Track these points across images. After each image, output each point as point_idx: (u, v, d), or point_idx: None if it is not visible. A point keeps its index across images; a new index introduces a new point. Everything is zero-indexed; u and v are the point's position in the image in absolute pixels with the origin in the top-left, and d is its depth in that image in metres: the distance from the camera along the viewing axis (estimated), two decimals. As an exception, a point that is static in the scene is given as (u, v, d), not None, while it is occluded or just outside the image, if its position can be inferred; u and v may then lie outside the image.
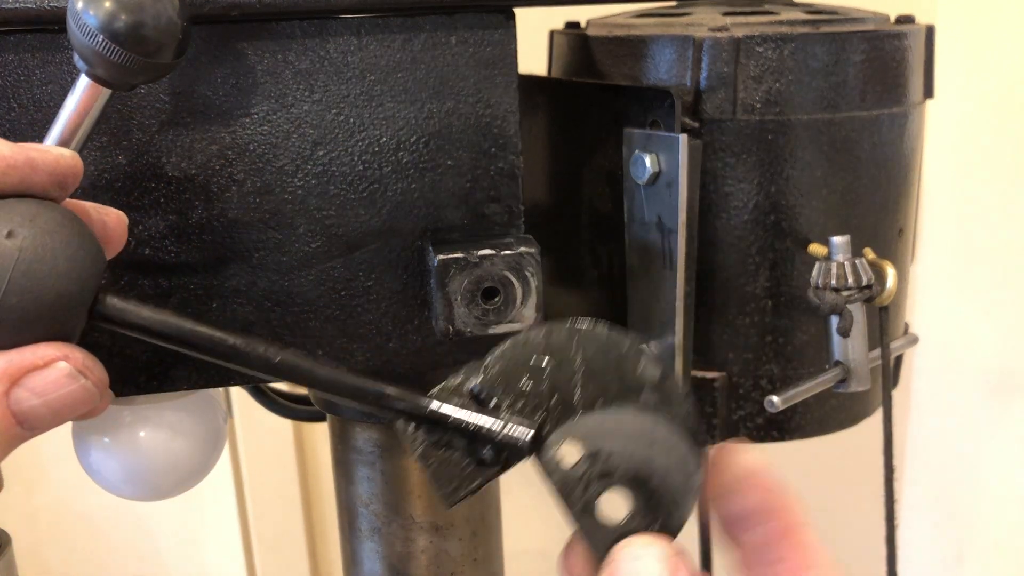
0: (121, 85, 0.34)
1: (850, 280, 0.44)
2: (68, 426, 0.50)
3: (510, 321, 0.41)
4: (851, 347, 0.45)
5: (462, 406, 0.30)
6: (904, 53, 0.46)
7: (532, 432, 0.30)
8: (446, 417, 0.30)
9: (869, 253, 0.45)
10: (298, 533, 1.13)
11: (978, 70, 1.00)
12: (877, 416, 0.50)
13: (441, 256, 0.40)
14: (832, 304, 0.44)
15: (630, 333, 0.31)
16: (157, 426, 0.50)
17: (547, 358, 0.30)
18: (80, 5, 0.32)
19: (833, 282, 0.44)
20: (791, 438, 0.49)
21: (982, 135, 1.02)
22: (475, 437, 0.30)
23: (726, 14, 0.46)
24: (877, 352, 0.47)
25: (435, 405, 0.31)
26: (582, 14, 0.54)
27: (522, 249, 0.41)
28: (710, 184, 0.45)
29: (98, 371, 0.28)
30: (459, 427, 0.30)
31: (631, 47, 0.47)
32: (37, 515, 1.13)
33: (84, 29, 0.32)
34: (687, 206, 0.43)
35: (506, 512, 0.56)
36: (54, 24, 0.36)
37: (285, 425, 1.06)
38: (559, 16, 0.54)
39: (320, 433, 1.08)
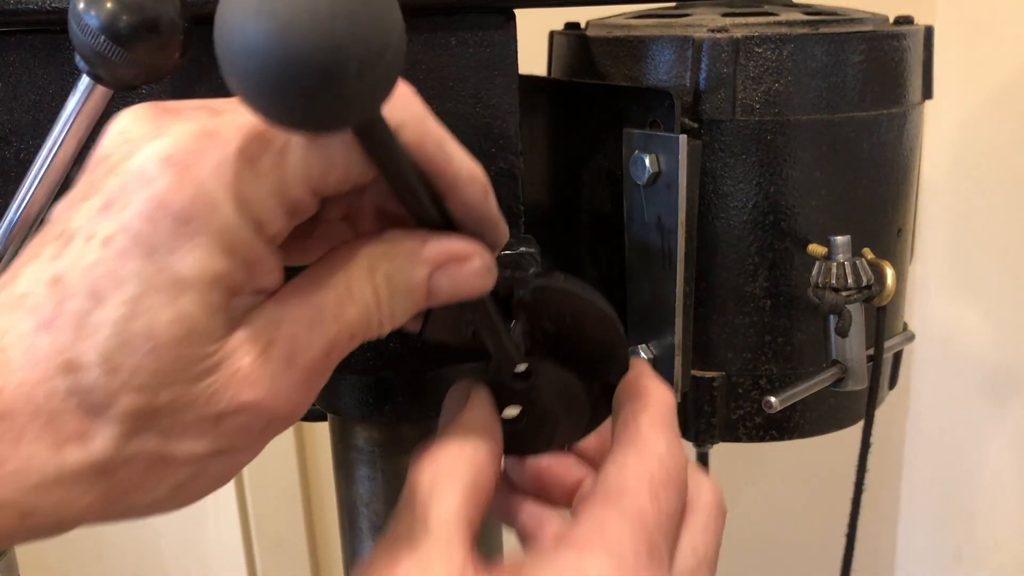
0: (122, 86, 0.34)
1: (850, 280, 0.44)
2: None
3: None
4: (849, 346, 0.45)
5: (497, 299, 0.34)
6: (903, 54, 0.46)
7: (522, 368, 0.36)
8: (485, 298, 0.33)
9: (868, 253, 0.45)
10: (298, 533, 1.14)
11: (977, 71, 1.00)
12: (876, 416, 0.50)
13: (441, 256, 0.40)
14: (832, 304, 0.44)
15: (626, 341, 0.38)
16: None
17: (572, 318, 0.36)
18: (82, 6, 0.32)
19: (833, 282, 0.44)
20: (790, 437, 0.49)
21: (980, 135, 1.02)
22: (487, 323, 0.34)
23: (725, 15, 0.46)
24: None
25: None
26: (582, 15, 0.54)
27: (522, 249, 0.41)
28: (709, 184, 0.45)
29: (495, 272, 0.32)
30: (480, 307, 0.34)
31: (631, 48, 0.47)
32: (37, 515, 1.13)
33: (86, 30, 0.32)
34: (686, 206, 0.43)
35: (506, 511, 0.56)
36: (55, 25, 0.37)
37: (285, 425, 1.06)
38: (559, 17, 0.54)
39: (320, 433, 1.08)
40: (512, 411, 0.38)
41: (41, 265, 0.26)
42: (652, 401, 0.35)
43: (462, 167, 0.30)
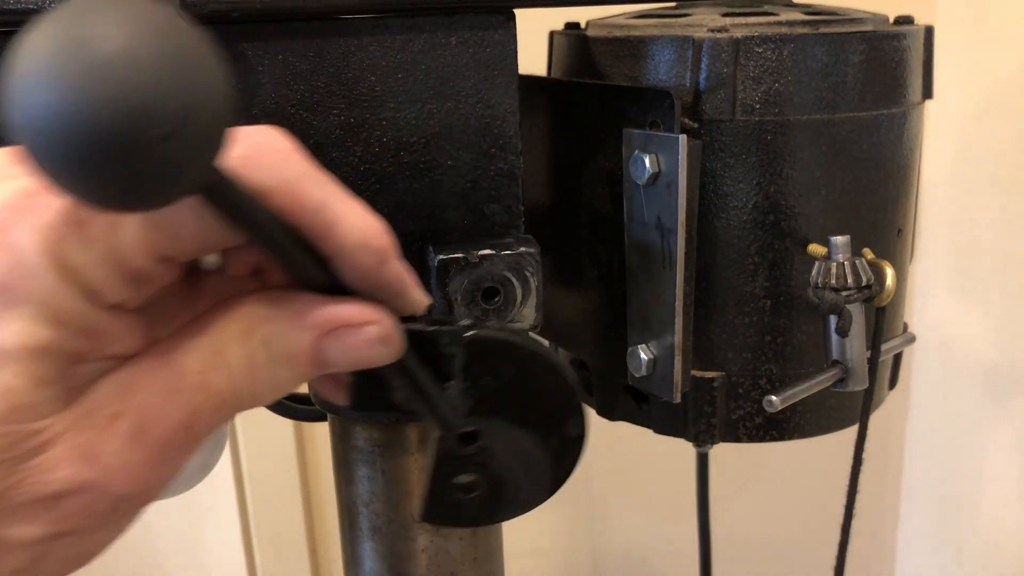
0: (122, 86, 0.34)
1: (850, 280, 0.44)
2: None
3: (510, 321, 0.41)
4: (849, 347, 0.45)
5: (425, 357, 0.32)
6: (903, 54, 0.46)
7: (458, 430, 0.33)
8: (405, 361, 0.31)
9: (868, 253, 0.45)
10: (298, 533, 1.14)
11: (977, 71, 1.00)
12: (876, 416, 0.50)
13: (441, 256, 0.40)
14: (832, 304, 0.44)
15: (579, 390, 0.35)
16: (158, 426, 0.50)
17: (515, 372, 0.33)
18: (81, 6, 0.32)
19: (833, 282, 0.44)
20: (790, 438, 0.49)
21: (981, 135, 1.02)
22: (413, 388, 0.31)
23: (725, 15, 0.46)
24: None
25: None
26: (582, 15, 0.54)
27: (522, 249, 0.41)
28: (709, 184, 0.45)
29: (398, 340, 0.29)
30: (400, 372, 0.31)
31: (631, 48, 0.47)
32: (37, 515, 1.13)
33: (85, 30, 0.32)
34: (686, 206, 0.43)
35: (506, 512, 0.56)
36: (55, 25, 0.37)
37: (285, 425, 1.06)
38: (559, 16, 0.54)
39: (320, 433, 1.08)
40: (466, 477, 0.35)
41: None
42: None
43: (349, 234, 0.27)
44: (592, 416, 0.54)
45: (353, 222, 0.27)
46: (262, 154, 0.26)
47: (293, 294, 0.28)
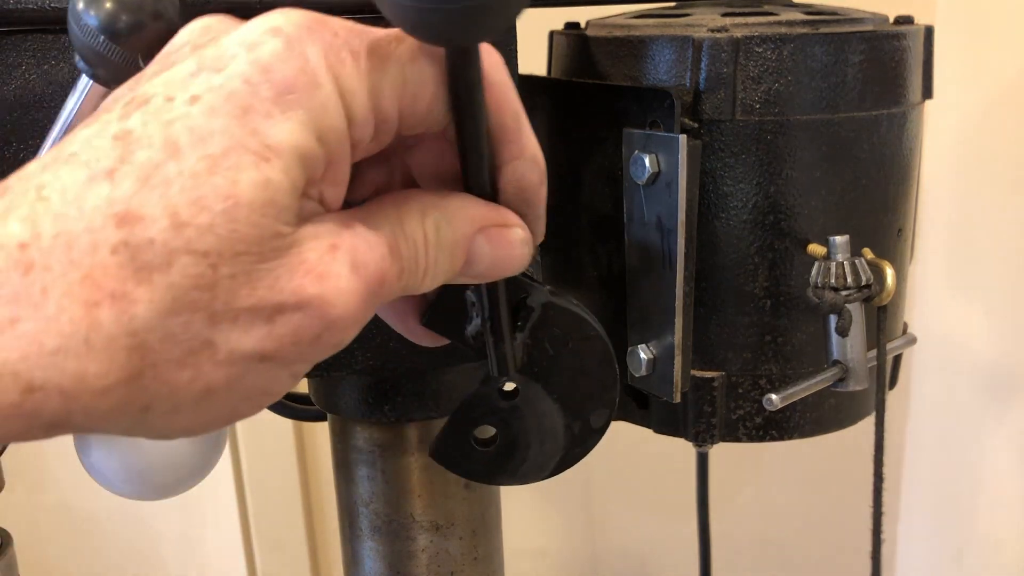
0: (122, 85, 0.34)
1: (849, 280, 0.44)
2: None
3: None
4: (849, 346, 0.45)
5: (508, 302, 0.34)
6: (903, 54, 0.46)
7: (507, 379, 0.35)
8: (499, 294, 0.33)
9: (868, 253, 0.45)
10: (298, 533, 1.14)
11: (977, 71, 1.00)
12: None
13: (441, 256, 0.40)
14: (831, 304, 0.44)
15: (619, 386, 0.36)
16: (158, 426, 0.50)
17: (573, 345, 0.35)
18: (81, 6, 0.32)
19: (832, 282, 0.44)
20: (790, 437, 0.49)
21: (981, 135, 1.02)
22: (493, 321, 0.33)
23: (725, 15, 0.46)
24: (876, 352, 0.47)
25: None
26: (582, 15, 0.54)
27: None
28: (709, 184, 0.45)
29: (532, 248, 0.32)
30: (494, 300, 0.33)
31: (630, 48, 0.47)
32: (38, 515, 1.13)
33: (85, 29, 0.32)
34: (686, 206, 0.43)
35: (506, 512, 0.56)
36: (55, 25, 0.37)
37: (285, 425, 1.06)
38: (559, 16, 0.54)
39: (320, 433, 1.08)
40: (487, 431, 0.37)
41: (102, 127, 0.25)
42: None
43: (529, 146, 0.30)
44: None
45: (533, 139, 0.30)
46: (486, 52, 0.28)
47: (456, 192, 0.30)
